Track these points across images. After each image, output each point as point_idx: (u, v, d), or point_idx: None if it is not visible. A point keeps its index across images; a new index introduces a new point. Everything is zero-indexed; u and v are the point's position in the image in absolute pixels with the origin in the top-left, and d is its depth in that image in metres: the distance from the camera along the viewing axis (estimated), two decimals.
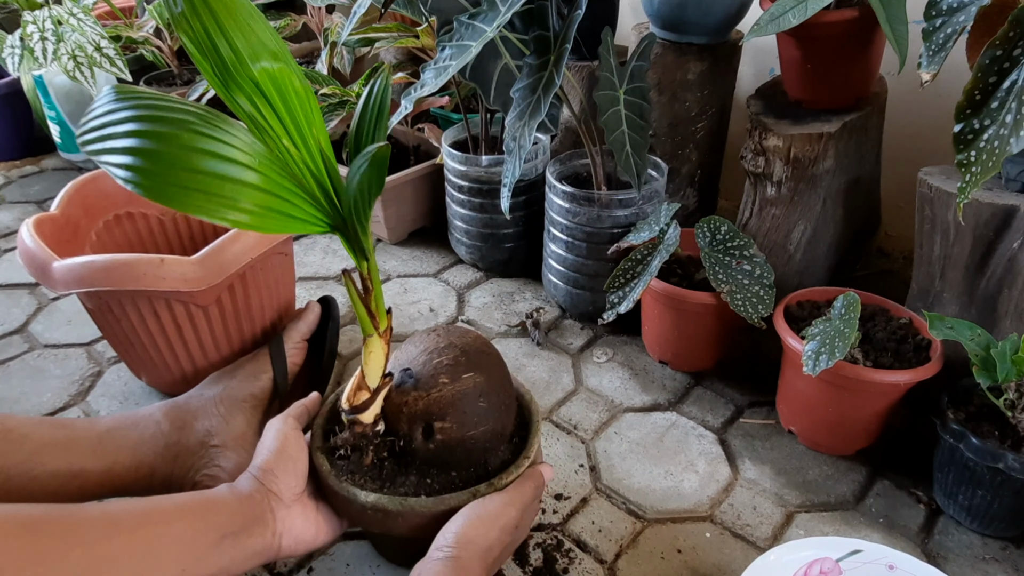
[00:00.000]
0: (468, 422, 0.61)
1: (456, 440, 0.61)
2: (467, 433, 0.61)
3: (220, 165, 0.46)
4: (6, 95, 1.64)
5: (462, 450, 0.61)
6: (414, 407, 0.61)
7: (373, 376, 0.59)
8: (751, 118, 1.00)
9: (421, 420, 0.60)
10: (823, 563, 0.69)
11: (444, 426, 0.60)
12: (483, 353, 0.64)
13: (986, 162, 0.62)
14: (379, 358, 0.59)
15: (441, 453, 0.61)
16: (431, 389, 0.60)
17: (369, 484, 0.61)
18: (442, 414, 0.60)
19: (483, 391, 0.62)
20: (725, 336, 0.98)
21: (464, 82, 1.11)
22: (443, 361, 0.62)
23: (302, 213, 0.51)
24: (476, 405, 0.61)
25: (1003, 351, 0.73)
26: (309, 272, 1.27)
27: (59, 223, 0.87)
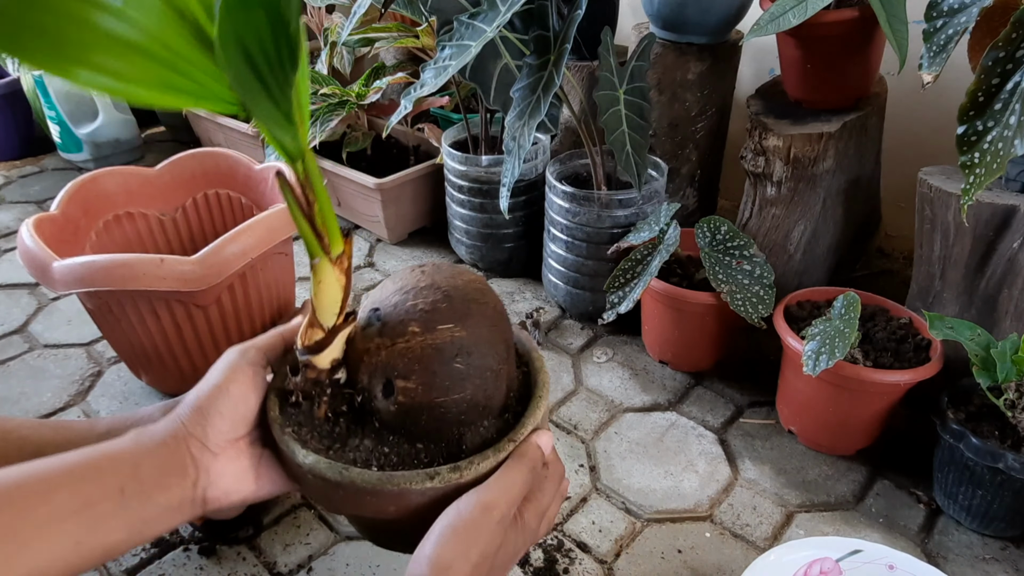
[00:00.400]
0: (437, 385, 0.47)
1: (421, 405, 0.47)
2: (435, 398, 0.47)
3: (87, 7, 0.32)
4: (6, 95, 1.64)
5: (429, 419, 0.48)
6: (375, 357, 0.47)
7: (325, 312, 0.47)
8: (751, 118, 1.00)
9: (382, 374, 0.47)
10: (823, 563, 0.69)
11: (407, 386, 0.47)
12: (473, 301, 0.49)
13: (990, 164, 0.62)
14: (332, 290, 0.47)
15: (403, 418, 0.48)
16: (397, 338, 0.47)
17: (314, 442, 0.49)
18: (406, 371, 0.46)
19: (462, 348, 0.47)
20: (725, 336, 0.98)
21: (464, 82, 1.11)
22: (418, 305, 0.48)
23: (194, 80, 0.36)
24: (451, 366, 0.47)
25: (1003, 351, 0.73)
26: (309, 272, 1.27)
27: (59, 223, 0.87)
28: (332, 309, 0.48)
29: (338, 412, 0.51)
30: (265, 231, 0.83)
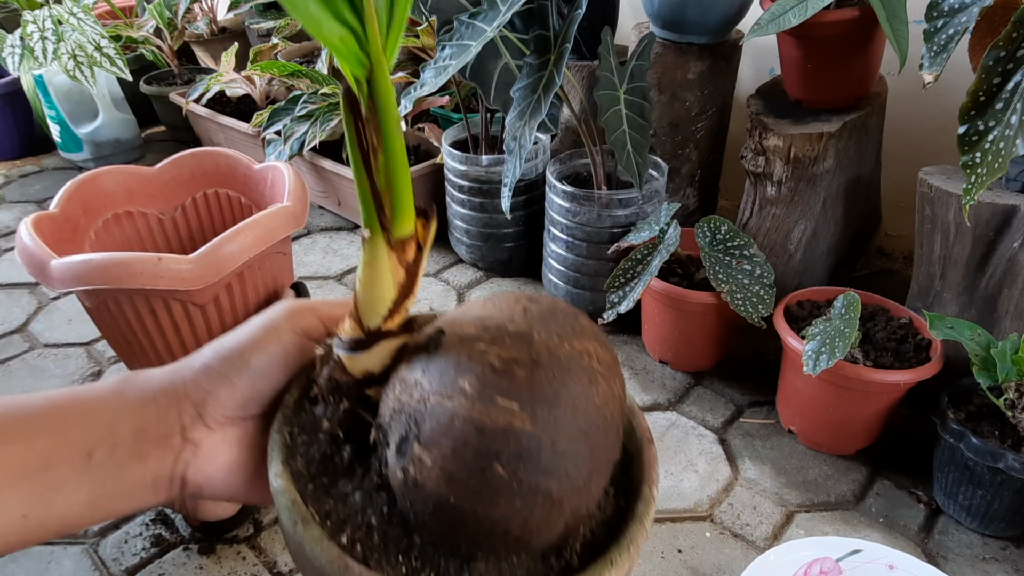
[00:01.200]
0: (460, 480, 0.32)
1: (430, 495, 0.32)
2: (450, 496, 0.32)
3: None
4: (6, 95, 1.64)
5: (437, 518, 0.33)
6: (403, 397, 0.34)
7: (367, 307, 0.35)
8: (751, 118, 1.00)
9: (405, 423, 0.33)
10: (823, 563, 0.68)
11: (423, 458, 0.32)
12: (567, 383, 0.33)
13: (992, 163, 0.62)
14: (381, 283, 0.34)
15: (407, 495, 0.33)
16: (441, 387, 0.32)
17: (300, 460, 0.37)
18: (430, 438, 0.32)
19: (514, 448, 0.31)
20: (725, 336, 0.98)
21: (464, 82, 1.11)
22: (489, 355, 0.33)
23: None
24: (488, 465, 0.31)
25: (1003, 351, 0.73)
26: (309, 272, 1.27)
27: (58, 222, 0.87)
28: (376, 307, 0.35)
29: (350, 438, 0.38)
30: (263, 230, 0.83)
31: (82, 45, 1.39)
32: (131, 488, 0.36)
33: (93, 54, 1.40)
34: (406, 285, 0.34)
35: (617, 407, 0.34)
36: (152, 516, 0.80)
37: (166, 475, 0.36)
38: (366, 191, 0.32)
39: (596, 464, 0.33)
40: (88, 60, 1.39)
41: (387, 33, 0.29)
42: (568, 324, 0.35)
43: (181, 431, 0.36)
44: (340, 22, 0.27)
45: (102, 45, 1.41)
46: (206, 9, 1.87)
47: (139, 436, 0.36)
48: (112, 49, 1.42)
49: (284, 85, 1.45)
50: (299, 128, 1.28)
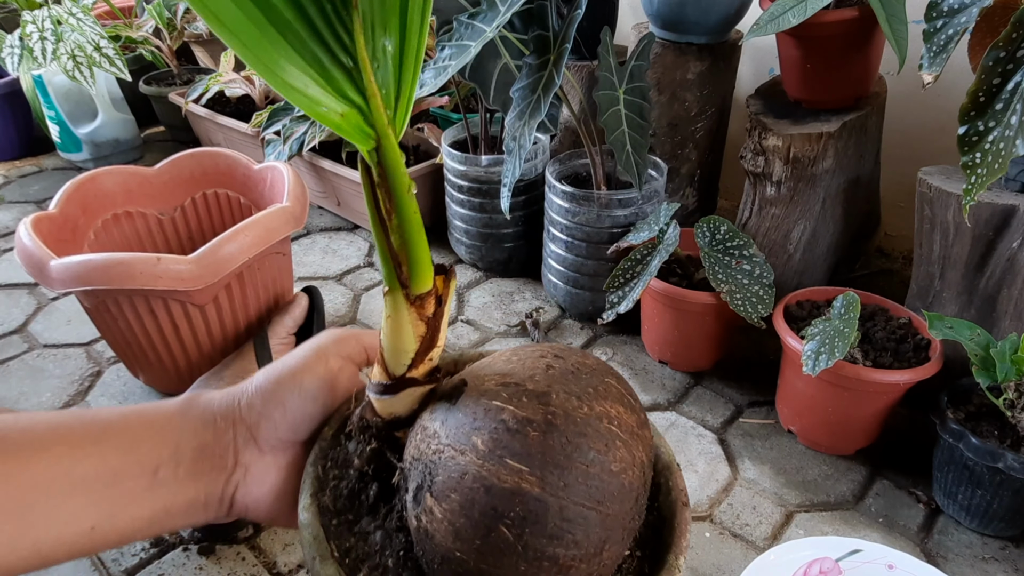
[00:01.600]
0: (465, 537, 0.31)
1: (437, 548, 0.32)
2: (455, 550, 0.31)
3: None
4: (6, 95, 1.64)
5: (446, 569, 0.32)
6: (422, 445, 0.34)
7: (391, 356, 0.36)
8: (751, 118, 1.00)
9: (422, 472, 0.33)
10: (823, 563, 0.69)
11: (435, 510, 0.32)
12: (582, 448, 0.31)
13: (992, 164, 0.62)
14: (403, 335, 0.35)
15: (422, 542, 0.33)
16: (456, 441, 0.32)
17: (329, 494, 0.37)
18: (441, 490, 0.32)
19: (521, 512, 0.30)
20: (725, 336, 0.98)
21: (464, 82, 1.11)
22: (503, 414, 0.32)
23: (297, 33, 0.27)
24: (494, 525, 0.30)
25: (1003, 351, 0.73)
26: (308, 272, 1.27)
27: (57, 222, 0.87)
28: (399, 358, 0.36)
29: (379, 476, 0.38)
30: (263, 231, 0.83)
31: (81, 45, 1.39)
32: (188, 505, 0.37)
33: (92, 54, 1.40)
34: (427, 337, 0.35)
35: (638, 473, 0.33)
36: None
37: (217, 495, 0.38)
38: (384, 250, 0.33)
39: (609, 532, 0.31)
40: (87, 60, 1.39)
41: (395, 103, 0.30)
42: (592, 385, 0.34)
43: (234, 453, 0.38)
44: (343, 100, 0.28)
45: (101, 45, 1.41)
46: None
47: (199, 456, 0.37)
48: (111, 49, 1.42)
49: None
50: (298, 128, 1.28)
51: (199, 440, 0.37)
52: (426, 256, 0.33)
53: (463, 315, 1.15)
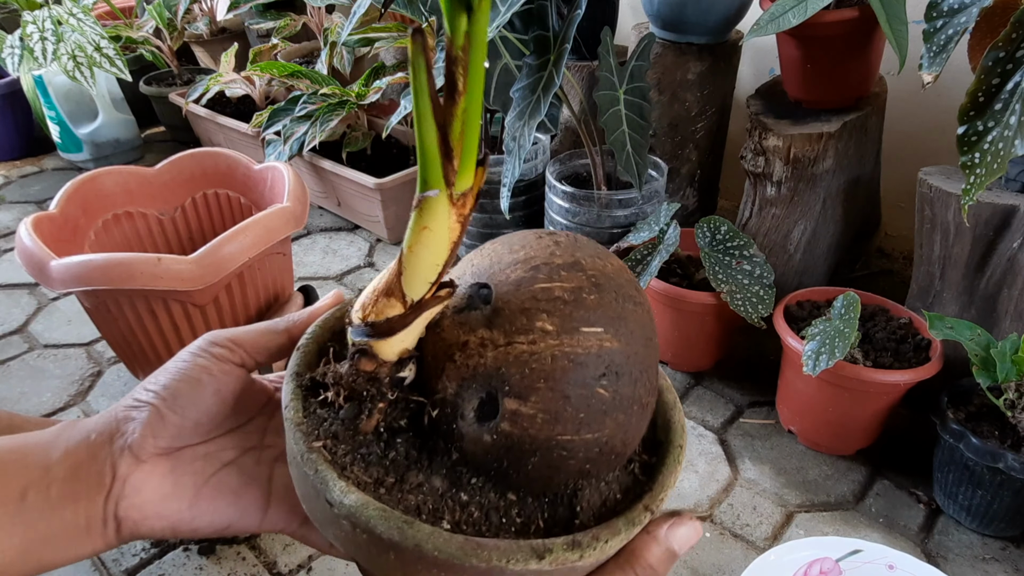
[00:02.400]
0: (568, 416, 0.31)
1: (535, 442, 0.32)
2: (559, 435, 0.32)
3: None
4: (6, 95, 1.64)
5: (541, 463, 0.32)
6: (475, 357, 0.32)
7: (419, 276, 0.32)
8: (751, 118, 1.00)
9: (482, 385, 0.32)
10: (823, 563, 0.68)
11: (520, 410, 0.31)
12: (629, 298, 0.34)
13: (991, 164, 0.62)
14: (440, 244, 0.31)
15: (502, 455, 0.33)
16: (516, 335, 0.31)
17: (357, 469, 0.33)
18: (523, 387, 0.31)
19: (611, 367, 0.32)
20: (725, 336, 0.98)
21: None
22: (555, 290, 0.32)
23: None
24: (592, 390, 0.32)
25: (1003, 351, 0.73)
26: (308, 272, 1.27)
27: (58, 222, 0.87)
28: (429, 274, 0.32)
29: (395, 428, 0.35)
30: (263, 231, 0.83)
31: (82, 46, 1.39)
32: (65, 531, 0.34)
33: (93, 55, 1.40)
34: (456, 243, 0.32)
35: (650, 307, 0.36)
36: None
37: (99, 516, 0.35)
38: (433, 144, 0.28)
39: (656, 376, 0.35)
40: (88, 60, 1.39)
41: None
42: (595, 247, 0.35)
43: (112, 467, 0.35)
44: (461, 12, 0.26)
45: (102, 46, 1.41)
46: (206, 9, 1.87)
47: (72, 475, 0.35)
48: (112, 49, 1.42)
49: (284, 85, 1.45)
50: (299, 128, 1.28)
51: (73, 460, 0.35)
52: (476, 145, 0.30)
53: None
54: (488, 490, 0.33)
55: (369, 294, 0.33)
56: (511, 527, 0.33)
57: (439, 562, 0.30)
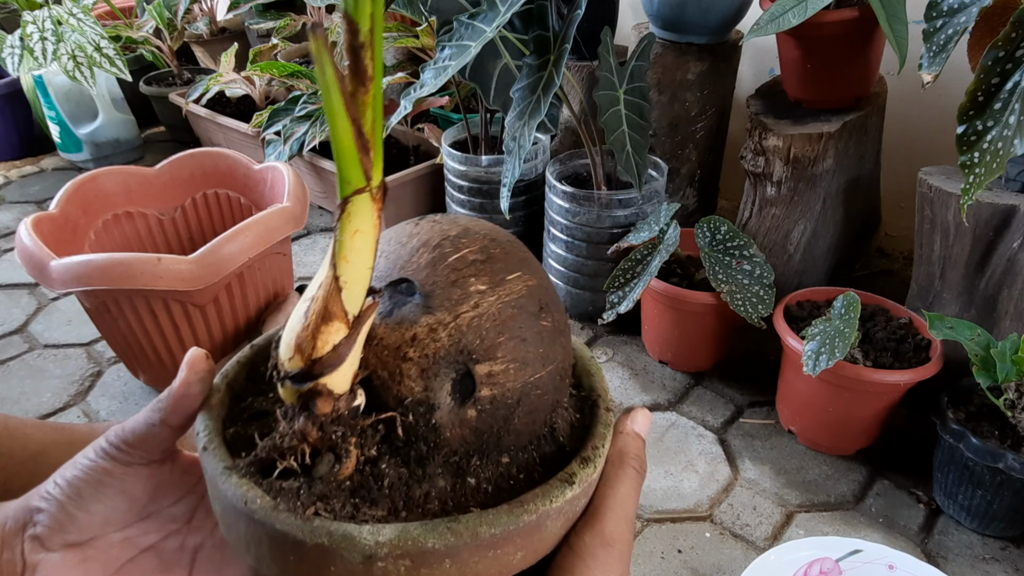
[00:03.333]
0: (531, 357, 0.33)
1: (514, 393, 0.33)
2: (531, 377, 0.33)
3: None
4: (6, 95, 1.64)
5: (523, 412, 0.33)
6: (430, 345, 0.32)
7: (360, 286, 0.30)
8: (751, 118, 0.99)
9: (450, 366, 0.32)
10: (823, 563, 0.68)
11: (493, 369, 0.32)
12: (517, 243, 0.36)
13: (990, 163, 0.62)
14: (371, 244, 0.30)
15: (489, 424, 0.33)
16: (459, 307, 0.32)
17: (367, 512, 0.31)
18: (487, 349, 0.32)
19: (543, 299, 0.34)
20: (725, 336, 0.98)
21: (464, 82, 1.11)
22: (468, 256, 0.34)
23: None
24: (539, 325, 0.33)
25: (1003, 351, 0.73)
26: (308, 272, 1.27)
27: (58, 222, 0.87)
28: (366, 282, 0.30)
29: (373, 457, 0.33)
30: (263, 231, 0.83)
31: (82, 46, 1.39)
32: None
33: (93, 55, 1.40)
34: (378, 241, 0.30)
35: None
36: None
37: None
38: (350, 139, 0.26)
39: None
40: (88, 60, 1.39)
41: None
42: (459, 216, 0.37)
43: (22, 556, 0.35)
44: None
45: (102, 46, 1.41)
46: (206, 9, 1.87)
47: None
48: (112, 49, 1.42)
49: (284, 85, 1.45)
50: (299, 128, 1.28)
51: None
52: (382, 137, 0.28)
53: None
54: (488, 464, 0.34)
55: (301, 329, 0.30)
56: (523, 482, 0.33)
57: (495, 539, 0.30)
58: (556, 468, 0.34)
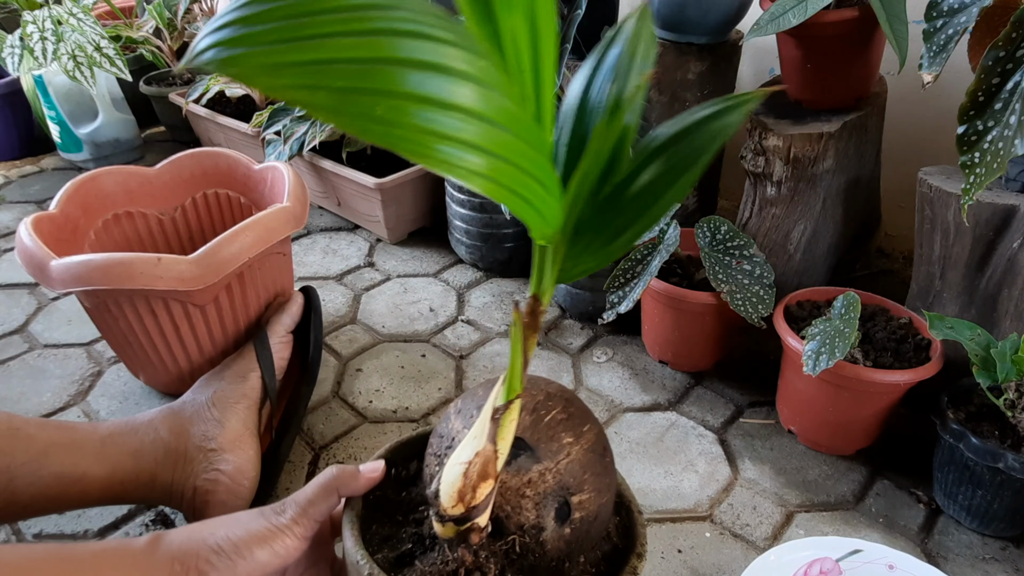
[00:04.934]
0: (603, 486, 0.46)
1: (594, 513, 0.45)
2: (604, 500, 0.46)
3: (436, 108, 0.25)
4: (6, 95, 1.64)
5: (598, 524, 0.47)
6: (540, 486, 0.44)
7: (505, 453, 0.42)
8: (751, 118, 0.99)
9: (554, 499, 0.44)
10: (823, 563, 0.68)
11: (583, 498, 0.45)
12: (578, 398, 0.50)
13: (990, 164, 0.62)
14: (514, 428, 0.42)
15: (578, 536, 0.45)
16: (558, 456, 0.44)
17: None
18: (578, 484, 0.45)
19: (602, 443, 0.48)
20: (725, 336, 0.98)
21: None
22: (556, 416, 0.46)
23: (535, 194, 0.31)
24: (605, 461, 0.47)
25: (1003, 351, 0.73)
26: (308, 272, 1.27)
27: (58, 222, 0.87)
28: (508, 449, 0.42)
29: (500, 569, 0.44)
30: (263, 231, 0.83)
31: (82, 45, 1.39)
32: None
33: (93, 54, 1.40)
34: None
35: None
36: (152, 517, 0.80)
37: None
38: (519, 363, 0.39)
39: None
40: (88, 60, 1.39)
41: None
42: (541, 379, 0.50)
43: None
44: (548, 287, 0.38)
45: (102, 45, 1.41)
46: (206, 9, 1.87)
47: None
48: (112, 49, 1.42)
49: None
50: (299, 128, 1.28)
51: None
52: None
53: (463, 315, 1.16)
54: (573, 565, 0.47)
55: (462, 486, 0.42)
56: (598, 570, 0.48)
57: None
58: (614, 561, 0.49)
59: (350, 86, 0.23)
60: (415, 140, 0.25)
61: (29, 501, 0.63)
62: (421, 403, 0.97)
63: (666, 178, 0.34)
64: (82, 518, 0.80)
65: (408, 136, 0.25)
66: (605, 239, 0.35)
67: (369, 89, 0.23)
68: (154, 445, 0.72)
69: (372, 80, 0.23)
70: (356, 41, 0.23)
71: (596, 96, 0.39)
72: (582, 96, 0.39)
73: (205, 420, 0.75)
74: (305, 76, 0.22)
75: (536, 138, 0.30)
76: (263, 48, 0.22)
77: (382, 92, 0.24)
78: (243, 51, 0.22)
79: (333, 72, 0.22)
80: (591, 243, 0.36)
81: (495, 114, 0.27)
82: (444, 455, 0.46)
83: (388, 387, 1.00)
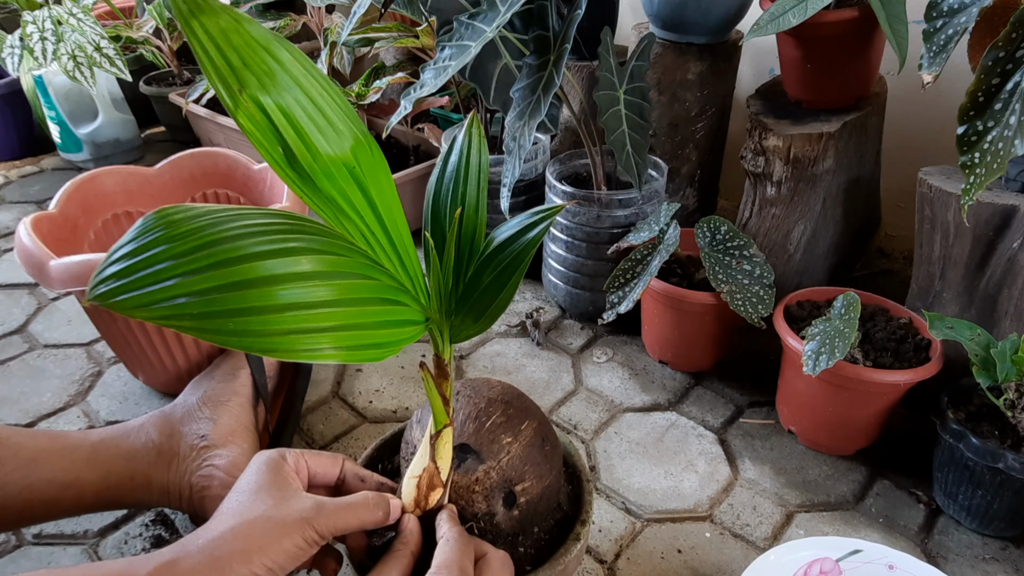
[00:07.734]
0: (543, 473, 0.56)
1: (538, 496, 0.56)
2: (545, 484, 0.57)
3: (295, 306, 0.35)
4: (6, 95, 1.64)
5: (544, 502, 0.57)
6: (487, 481, 0.54)
7: (446, 467, 0.53)
8: (751, 118, 1.00)
9: (500, 490, 0.55)
10: (823, 563, 0.69)
11: (525, 486, 0.55)
12: (521, 396, 0.60)
13: (990, 164, 0.62)
14: (450, 447, 0.53)
15: (526, 515, 0.56)
16: (499, 455, 0.55)
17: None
18: (520, 475, 0.55)
19: (542, 435, 0.58)
20: (725, 336, 0.98)
21: (464, 82, 1.11)
22: (495, 420, 0.56)
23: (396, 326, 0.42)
24: (544, 451, 0.57)
25: (1003, 351, 0.73)
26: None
27: (57, 222, 0.87)
28: (449, 464, 0.53)
29: None
30: None
31: (82, 46, 1.39)
32: None
33: (93, 55, 1.40)
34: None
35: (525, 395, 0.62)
36: (152, 516, 0.80)
37: None
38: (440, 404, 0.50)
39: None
40: (88, 60, 1.39)
41: None
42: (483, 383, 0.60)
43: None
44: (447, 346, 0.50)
45: (102, 46, 1.41)
46: None
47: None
48: (112, 49, 1.42)
49: None
50: None
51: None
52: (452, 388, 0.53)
53: None
54: (528, 537, 0.58)
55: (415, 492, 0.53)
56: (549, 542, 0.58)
57: None
58: (566, 526, 0.59)
59: (205, 311, 0.31)
60: (266, 343, 0.34)
61: (23, 508, 0.63)
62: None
63: (501, 279, 0.47)
64: (82, 518, 0.80)
65: (259, 341, 0.33)
66: (475, 317, 0.48)
67: (219, 312, 0.32)
68: (146, 448, 0.72)
69: (220, 304, 0.32)
70: (204, 276, 0.32)
71: (444, 201, 0.53)
72: (433, 202, 0.53)
73: (197, 419, 0.75)
74: (171, 309, 0.31)
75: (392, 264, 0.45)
76: (136, 294, 0.31)
77: (230, 312, 0.32)
78: (123, 297, 0.31)
79: (189, 305, 0.31)
80: (465, 319, 0.49)
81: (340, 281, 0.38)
82: (409, 459, 0.56)
83: (388, 387, 1.00)
